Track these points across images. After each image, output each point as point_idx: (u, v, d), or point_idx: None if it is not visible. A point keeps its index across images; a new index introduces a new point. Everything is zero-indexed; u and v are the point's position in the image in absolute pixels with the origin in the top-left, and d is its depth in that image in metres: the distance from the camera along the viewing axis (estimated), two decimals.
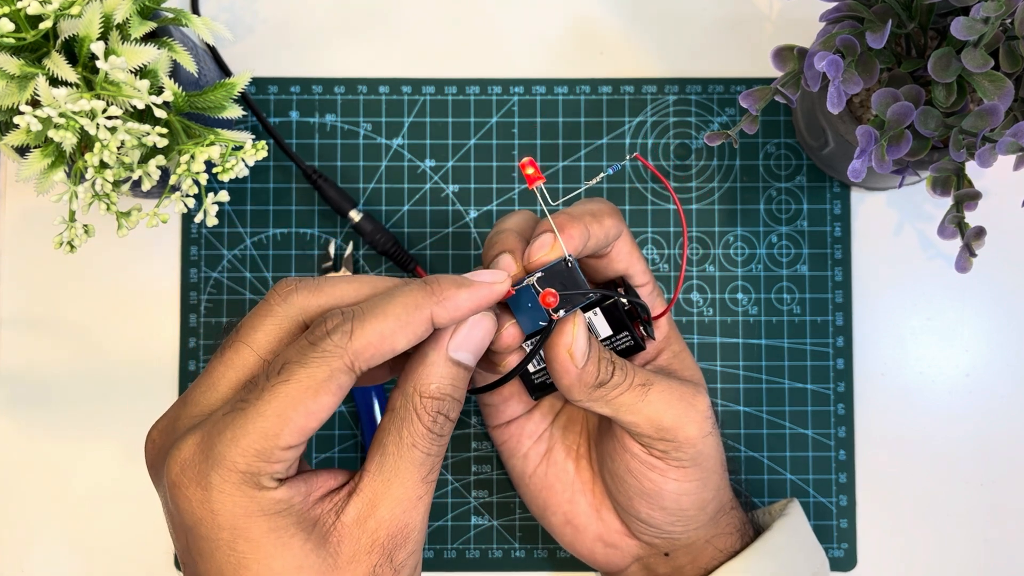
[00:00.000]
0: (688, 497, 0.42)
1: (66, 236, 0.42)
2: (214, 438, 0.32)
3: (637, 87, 0.54)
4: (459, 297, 0.35)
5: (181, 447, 0.33)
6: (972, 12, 0.38)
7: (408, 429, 0.34)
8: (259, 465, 0.32)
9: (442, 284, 0.35)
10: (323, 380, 0.32)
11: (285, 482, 0.33)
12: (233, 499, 0.32)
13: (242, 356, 0.35)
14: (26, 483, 0.53)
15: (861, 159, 0.40)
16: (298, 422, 0.32)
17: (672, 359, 0.44)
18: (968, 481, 0.53)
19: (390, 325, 0.33)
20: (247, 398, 0.33)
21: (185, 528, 0.33)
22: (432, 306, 0.34)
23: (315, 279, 0.36)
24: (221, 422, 0.33)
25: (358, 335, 0.33)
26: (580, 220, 0.39)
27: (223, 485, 0.32)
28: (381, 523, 0.34)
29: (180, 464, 0.33)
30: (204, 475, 0.32)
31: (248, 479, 0.32)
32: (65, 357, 0.54)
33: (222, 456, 0.32)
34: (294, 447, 0.33)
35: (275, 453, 0.32)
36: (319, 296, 0.36)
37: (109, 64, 0.38)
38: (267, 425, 0.32)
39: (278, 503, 0.33)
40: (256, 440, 0.32)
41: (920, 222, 0.54)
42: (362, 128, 0.54)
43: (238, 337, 0.35)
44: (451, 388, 0.35)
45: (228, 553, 0.32)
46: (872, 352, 0.54)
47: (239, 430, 0.32)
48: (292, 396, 0.32)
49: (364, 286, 0.36)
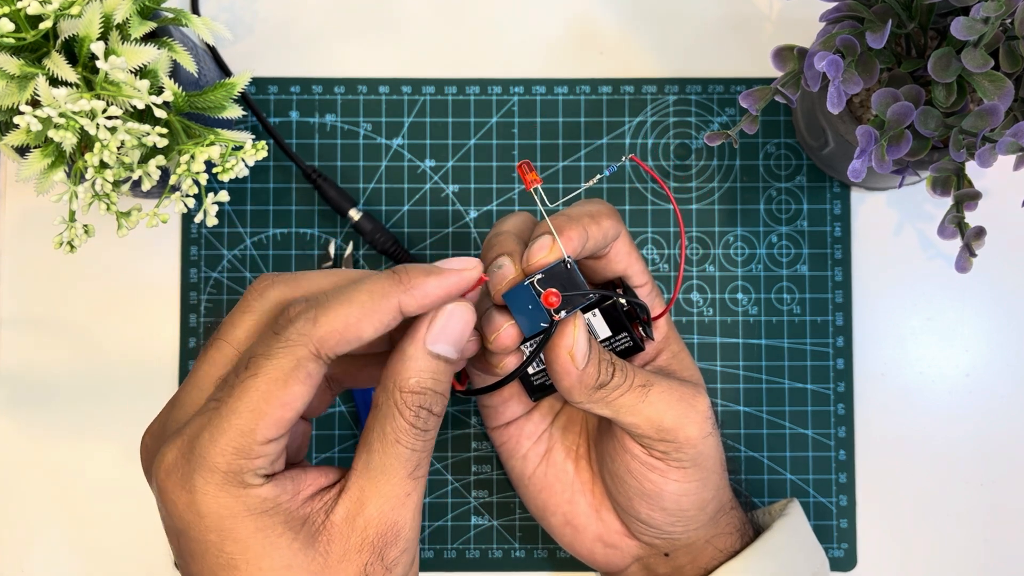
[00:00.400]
0: (688, 497, 0.42)
1: (66, 236, 0.42)
2: (193, 440, 0.32)
3: (637, 87, 0.54)
4: (427, 284, 0.34)
5: (165, 452, 0.33)
6: (972, 12, 0.38)
7: (391, 425, 0.34)
8: (240, 463, 0.32)
9: (410, 272, 0.35)
10: (290, 370, 0.32)
11: (272, 479, 0.33)
12: (218, 500, 0.32)
13: (223, 353, 0.35)
14: (26, 483, 0.53)
15: (861, 159, 0.40)
16: (272, 415, 0.32)
17: (671, 359, 0.44)
18: (968, 481, 0.53)
19: (355, 312, 0.33)
20: (219, 396, 0.33)
21: (176, 531, 0.33)
22: (399, 294, 0.34)
23: (292, 273, 0.36)
24: (198, 423, 0.33)
25: (322, 322, 0.33)
26: (578, 222, 0.38)
27: (206, 487, 0.32)
28: (370, 521, 0.34)
29: (165, 469, 0.33)
30: (188, 478, 0.32)
31: (231, 478, 0.32)
32: (65, 357, 0.54)
33: (202, 457, 0.32)
34: (273, 440, 0.32)
35: (254, 448, 0.32)
36: (295, 289, 0.36)
37: (109, 64, 0.38)
38: (241, 422, 0.32)
39: (264, 502, 0.33)
40: (233, 438, 0.32)
41: (920, 222, 0.54)
42: (362, 128, 0.54)
43: (219, 335, 0.35)
44: (431, 382, 0.35)
45: (217, 555, 0.32)
46: (872, 352, 0.54)
47: (215, 430, 0.32)
48: (262, 390, 0.32)
49: (340, 279, 0.36)
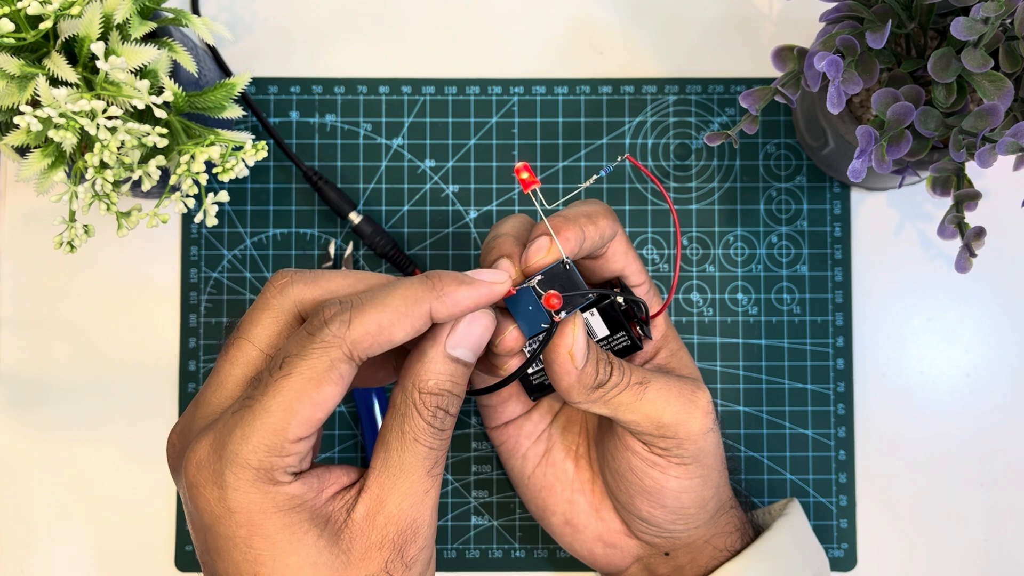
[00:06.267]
0: (689, 495, 0.42)
1: (66, 236, 0.42)
2: (225, 437, 0.33)
3: (637, 87, 0.54)
4: (459, 294, 0.35)
5: (195, 448, 0.34)
6: (972, 12, 0.38)
7: (409, 424, 0.35)
8: (271, 460, 0.33)
9: (443, 280, 0.35)
10: (324, 371, 0.33)
11: (299, 476, 0.34)
12: (248, 496, 0.33)
13: (244, 352, 0.36)
14: (25, 483, 0.53)
15: (861, 159, 0.40)
16: (304, 414, 0.33)
17: (670, 357, 0.44)
18: (968, 481, 0.53)
19: (388, 316, 0.34)
20: (253, 395, 0.33)
21: (204, 527, 0.34)
22: (432, 300, 0.35)
23: (311, 272, 0.37)
24: (231, 420, 0.33)
25: (356, 324, 0.33)
26: (575, 222, 0.39)
27: (238, 483, 0.33)
28: (390, 519, 0.34)
29: (195, 465, 0.34)
30: (219, 474, 0.33)
31: (262, 475, 0.33)
32: (65, 357, 0.54)
33: (234, 454, 0.33)
34: (303, 439, 0.33)
35: (285, 447, 0.33)
36: (314, 289, 0.36)
37: (109, 64, 0.38)
38: (274, 420, 0.33)
39: (292, 499, 0.33)
40: (265, 436, 0.33)
41: (920, 222, 0.54)
42: (362, 128, 0.54)
43: (239, 334, 0.36)
44: (450, 384, 0.36)
45: (245, 551, 0.33)
46: (872, 352, 0.54)
47: (248, 427, 0.33)
48: (296, 389, 0.33)
49: (359, 280, 0.37)
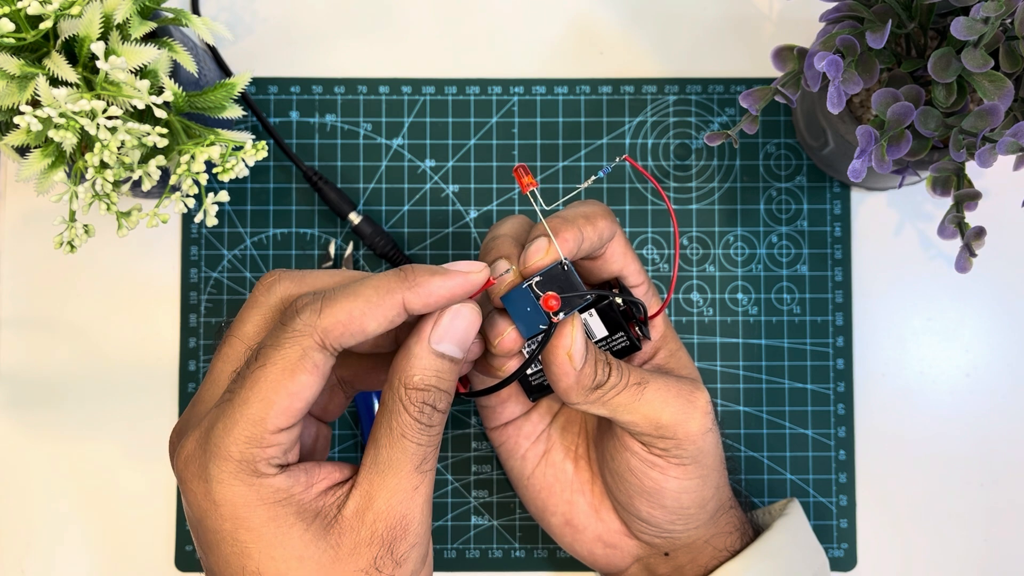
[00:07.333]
0: (689, 495, 0.42)
1: (66, 236, 0.42)
2: (208, 432, 0.34)
3: (637, 87, 0.54)
4: (432, 284, 0.35)
5: (184, 444, 0.35)
6: (972, 12, 0.38)
7: (397, 420, 0.35)
8: (252, 451, 0.33)
9: (416, 271, 0.35)
10: (297, 359, 0.33)
11: (285, 470, 0.34)
12: (232, 488, 0.33)
13: (235, 349, 0.36)
14: (26, 483, 0.53)
15: (861, 159, 0.40)
16: (281, 404, 0.33)
17: (669, 358, 0.44)
18: (968, 481, 0.53)
19: (359, 305, 0.34)
20: (233, 388, 0.34)
21: (195, 522, 0.35)
22: (404, 291, 0.35)
23: (299, 271, 0.37)
24: (213, 414, 0.34)
25: (327, 313, 0.34)
26: (573, 223, 0.39)
27: (221, 475, 0.33)
28: (379, 515, 0.35)
29: (183, 460, 0.34)
30: (204, 468, 0.33)
31: (244, 467, 0.33)
32: (65, 357, 0.54)
33: (216, 447, 0.33)
34: (284, 430, 0.34)
35: (266, 437, 0.33)
36: (301, 286, 0.37)
37: (109, 64, 0.38)
38: (253, 411, 0.33)
39: (277, 492, 0.34)
40: (245, 427, 0.33)
41: (920, 222, 0.54)
42: (362, 128, 0.54)
43: (230, 332, 0.37)
44: (435, 379, 0.36)
45: (232, 544, 0.33)
46: (872, 352, 0.54)
47: (228, 420, 0.33)
48: (271, 379, 0.33)
49: (345, 279, 0.37)
